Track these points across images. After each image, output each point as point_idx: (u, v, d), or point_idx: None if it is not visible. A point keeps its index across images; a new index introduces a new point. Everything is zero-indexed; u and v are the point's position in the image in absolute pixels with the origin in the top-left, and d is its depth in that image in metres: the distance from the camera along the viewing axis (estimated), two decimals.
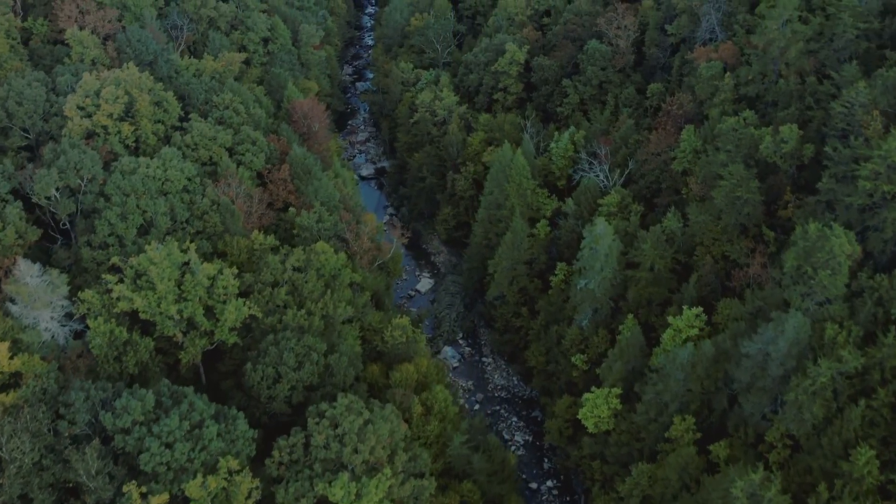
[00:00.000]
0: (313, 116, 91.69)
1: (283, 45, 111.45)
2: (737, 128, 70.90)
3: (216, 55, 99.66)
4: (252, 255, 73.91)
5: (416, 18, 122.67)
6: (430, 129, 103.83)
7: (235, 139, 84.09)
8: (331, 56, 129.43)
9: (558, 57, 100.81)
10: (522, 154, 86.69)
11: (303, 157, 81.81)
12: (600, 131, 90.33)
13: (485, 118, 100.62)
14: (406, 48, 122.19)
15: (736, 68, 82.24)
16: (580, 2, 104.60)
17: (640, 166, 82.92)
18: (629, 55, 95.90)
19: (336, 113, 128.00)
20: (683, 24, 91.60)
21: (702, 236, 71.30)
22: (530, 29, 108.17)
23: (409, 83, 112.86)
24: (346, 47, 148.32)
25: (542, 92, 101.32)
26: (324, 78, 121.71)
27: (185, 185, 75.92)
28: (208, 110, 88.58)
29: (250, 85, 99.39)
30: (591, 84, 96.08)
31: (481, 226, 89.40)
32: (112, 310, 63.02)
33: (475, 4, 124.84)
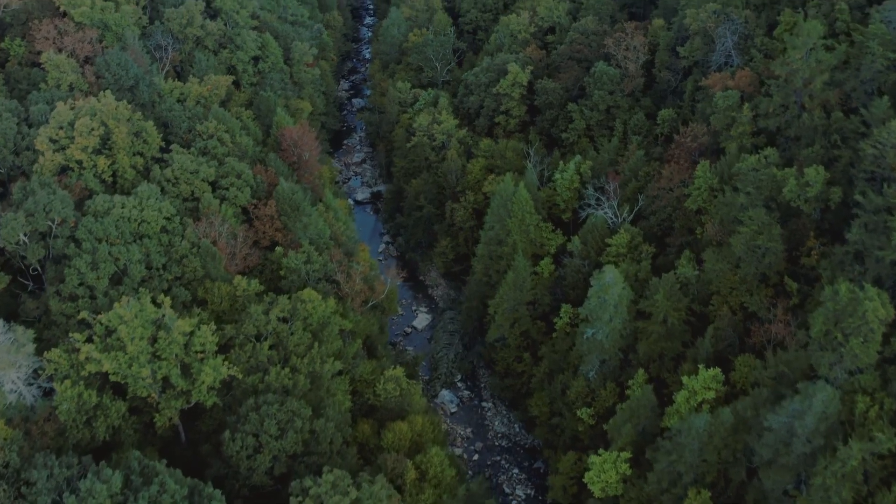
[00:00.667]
0: (303, 145, 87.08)
1: (274, 64, 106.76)
2: (757, 167, 66.12)
3: (202, 78, 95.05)
4: (234, 303, 69.47)
5: (415, 34, 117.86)
6: (428, 153, 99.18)
7: (219, 172, 79.53)
8: (326, 72, 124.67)
9: (563, 79, 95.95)
10: (525, 186, 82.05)
11: (290, 193, 77.26)
12: (608, 162, 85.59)
13: (486, 144, 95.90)
14: (404, 65, 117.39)
15: (754, 97, 77.42)
16: (586, 20, 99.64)
17: (650, 202, 78.22)
18: (638, 78, 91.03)
19: (331, 132, 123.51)
20: (697, 46, 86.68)
21: (718, 285, 66.62)
22: (534, 48, 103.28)
23: (407, 104, 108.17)
24: (343, 61, 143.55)
25: (546, 116, 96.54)
26: (318, 96, 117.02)
27: (164, 224, 71.57)
28: (192, 139, 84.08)
29: (238, 109, 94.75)
30: (598, 109, 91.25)
31: (481, 262, 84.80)
32: (80, 371, 58.67)
33: (476, 19, 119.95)
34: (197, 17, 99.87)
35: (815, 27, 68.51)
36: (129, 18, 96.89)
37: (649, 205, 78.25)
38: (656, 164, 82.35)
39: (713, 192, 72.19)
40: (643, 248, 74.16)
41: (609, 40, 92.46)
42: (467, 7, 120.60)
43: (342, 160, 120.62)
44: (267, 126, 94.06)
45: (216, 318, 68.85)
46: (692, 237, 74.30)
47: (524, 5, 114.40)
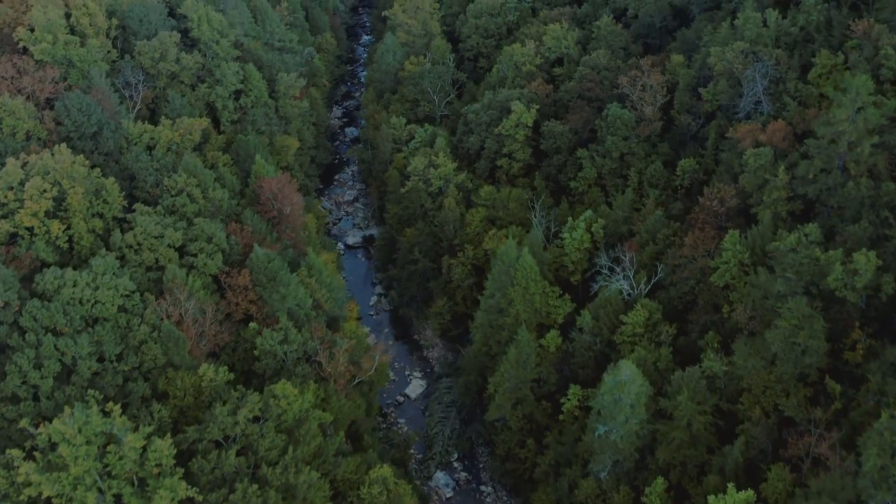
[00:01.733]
0: (284, 198, 79.63)
1: (257, 98, 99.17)
2: (797, 248, 58.37)
3: (175, 119, 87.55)
4: (200, 395, 62.22)
5: (411, 62, 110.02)
6: (424, 200, 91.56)
7: (188, 235, 72.23)
8: (317, 101, 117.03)
9: (572, 121, 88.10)
10: (530, 248, 74.47)
11: (266, 261, 69.86)
12: (622, 219, 77.86)
13: (486, 191, 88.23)
14: (399, 95, 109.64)
15: (788, 154, 69.59)
16: (597, 54, 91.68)
17: (671, 271, 70.57)
18: (656, 123, 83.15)
19: (321, 166, 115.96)
20: (721, 89, 78.72)
21: (749, 381, 58.99)
22: (539, 82, 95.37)
23: (401, 141, 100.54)
24: (337, 85, 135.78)
25: (553, 162, 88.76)
26: (307, 129, 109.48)
27: (122, 303, 64.32)
28: (159, 194, 76.76)
29: (215, 153, 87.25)
30: (610, 156, 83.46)
31: (480, 330, 77.31)
32: (19, 496, 51.61)
33: (477, 45, 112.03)
34: (171, 50, 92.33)
35: (866, 83, 60.59)
36: (96, 54, 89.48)
37: (669, 274, 70.61)
38: (676, 224, 74.58)
39: (743, 268, 64.48)
40: (663, 328, 66.55)
41: (623, 79, 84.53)
42: (468, 32, 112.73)
43: (333, 198, 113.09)
44: (246, 173, 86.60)
45: (179, 413, 61.74)
46: (718, 316, 66.61)
47: (529, 32, 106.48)
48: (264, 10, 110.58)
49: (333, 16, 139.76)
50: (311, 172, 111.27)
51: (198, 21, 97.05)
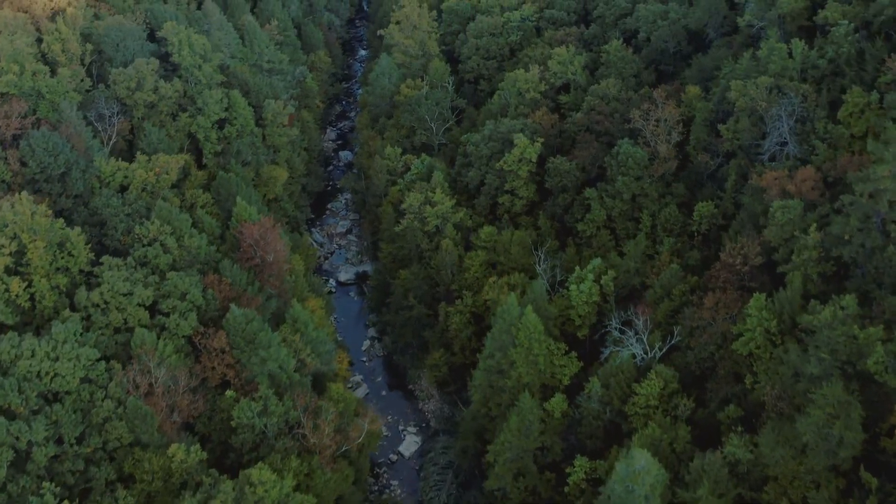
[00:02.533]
0: (266, 245, 74.31)
1: (243, 127, 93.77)
2: (833, 323, 52.80)
3: (152, 155, 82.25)
4: (170, 478, 57.09)
5: (408, 85, 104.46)
6: (420, 239, 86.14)
7: (160, 291, 67.05)
8: (308, 124, 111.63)
9: (580, 157, 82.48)
10: (534, 303, 69.04)
11: (244, 322, 64.55)
12: (634, 270, 72.36)
13: (487, 233, 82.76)
14: (395, 120, 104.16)
15: (819, 205, 63.97)
16: (607, 83, 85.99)
17: (688, 333, 65.07)
18: (671, 161, 77.54)
19: (313, 195, 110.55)
20: (743, 127, 73.02)
21: (776, 469, 53.56)
22: (544, 112, 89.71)
23: (396, 173, 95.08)
24: (331, 104, 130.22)
25: (559, 201, 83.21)
26: (297, 156, 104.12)
27: (85, 374, 59.15)
28: (130, 243, 71.55)
29: (194, 192, 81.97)
30: (621, 197, 77.87)
31: (479, 391, 71.92)
32: None
33: (478, 67, 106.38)
34: (148, 78, 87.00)
35: None
36: (67, 84, 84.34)
37: (686, 336, 65.11)
38: (694, 279, 69.01)
39: (769, 336, 58.96)
40: (679, 400, 61.08)
41: (636, 113, 78.87)
42: (468, 53, 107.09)
43: (325, 230, 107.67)
44: (228, 212, 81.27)
45: (147, 498, 56.62)
46: (740, 386, 61.10)
47: (533, 54, 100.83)
48: (252, 29, 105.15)
49: (328, 31, 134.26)
50: (302, 202, 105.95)
51: (178, 45, 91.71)
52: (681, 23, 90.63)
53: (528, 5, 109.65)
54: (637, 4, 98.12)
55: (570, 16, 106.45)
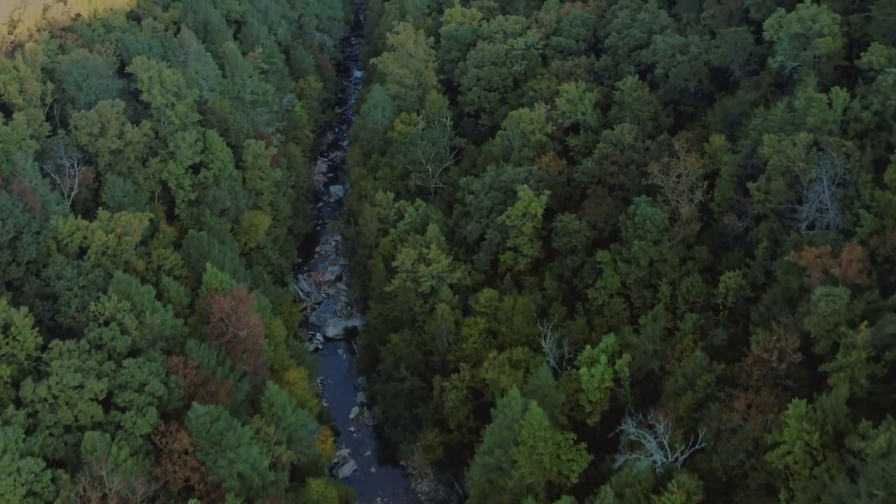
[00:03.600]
0: (239, 321, 66.91)
1: (220, 171, 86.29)
2: (889, 454, 45.09)
3: (115, 210, 74.87)
4: None
5: (403, 120, 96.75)
6: (413, 301, 78.58)
7: (116, 381, 59.74)
8: (296, 159, 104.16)
9: (591, 213, 74.63)
10: (538, 392, 61.57)
11: (208, 421, 57.15)
12: (652, 352, 64.67)
13: (487, 297, 75.12)
14: (388, 158, 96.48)
15: (867, 290, 56.13)
16: (621, 129, 78.10)
17: (714, 435, 57.44)
18: (694, 223, 69.72)
19: (300, 237, 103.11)
20: (777, 189, 65.09)
21: None
22: (551, 158, 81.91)
23: (389, 221, 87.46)
24: (323, 133, 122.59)
25: (568, 262, 75.54)
26: (282, 196, 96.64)
27: (28, 488, 51.99)
28: (85, 322, 64.26)
29: (161, 252, 74.51)
30: (637, 263, 70.14)
31: (477, 488, 64.35)
32: None
33: (479, 100, 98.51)
34: (113, 123, 79.55)
35: None
36: (22, 131, 76.93)
37: (713, 438, 57.49)
38: (721, 367, 61.31)
39: (810, 451, 51.31)
40: None
41: (654, 166, 71.02)
42: (468, 84, 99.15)
43: (312, 277, 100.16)
44: (199, 274, 73.91)
45: None
46: (774, 501, 53.54)
47: (538, 88, 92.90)
48: (233, 59, 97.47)
49: (320, 53, 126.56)
50: (288, 247, 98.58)
51: (149, 82, 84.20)
52: (702, 58, 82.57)
53: (532, 31, 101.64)
54: (653, 35, 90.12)
55: (578, 44, 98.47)
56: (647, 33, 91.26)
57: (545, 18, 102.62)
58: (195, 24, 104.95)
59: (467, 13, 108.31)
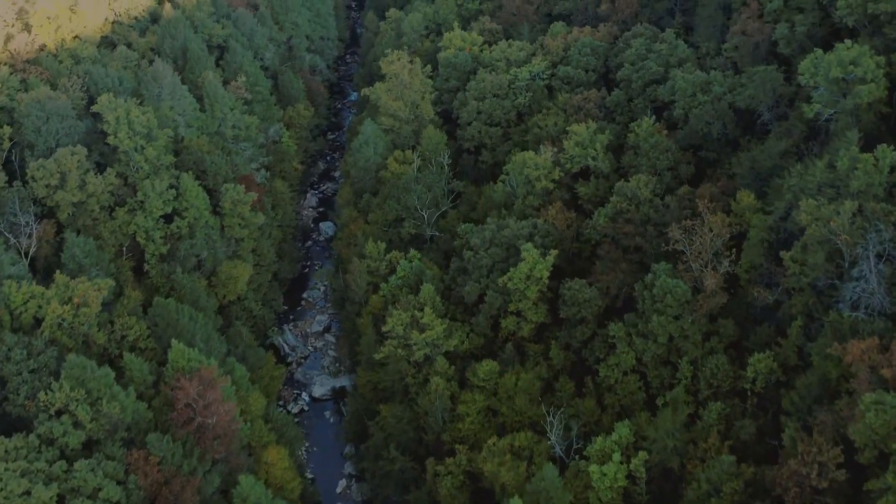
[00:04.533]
0: (207, 407, 59.99)
1: (196, 219, 79.35)
2: None
3: (75, 273, 68.04)
4: None
5: (397, 158, 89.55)
6: (405, 369, 71.64)
7: (64, 486, 53.07)
8: (282, 196, 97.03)
9: (604, 281, 67.39)
10: (544, 494, 54.69)
11: None
12: (672, 448, 57.62)
13: (486, 370, 68.06)
14: (381, 199, 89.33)
15: None
16: (637, 181, 70.76)
17: None
18: (719, 296, 62.51)
19: (286, 282, 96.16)
20: (816, 262, 57.73)
21: None
22: (558, 209, 74.68)
23: (380, 274, 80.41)
24: (314, 162, 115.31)
25: (577, 333, 68.37)
26: (265, 240, 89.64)
27: None
28: (35, 413, 57.53)
29: (125, 321, 67.56)
30: (655, 340, 63.02)
31: None
32: None
33: (480, 135, 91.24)
34: (73, 173, 72.50)
35: None
36: None
37: None
38: (750, 470, 54.18)
39: None
40: None
41: (675, 231, 63.75)
42: (467, 117, 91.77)
43: (299, 327, 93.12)
44: (166, 347, 67.01)
45: None
46: None
47: (545, 125, 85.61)
48: (213, 92, 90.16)
49: (311, 76, 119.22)
50: (272, 295, 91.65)
51: (115, 124, 77.17)
52: (726, 99, 75.10)
53: (538, 59, 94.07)
54: (671, 68, 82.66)
55: (588, 75, 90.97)
56: (663, 66, 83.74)
57: (551, 45, 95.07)
58: (173, 51, 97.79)
59: (467, 38, 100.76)
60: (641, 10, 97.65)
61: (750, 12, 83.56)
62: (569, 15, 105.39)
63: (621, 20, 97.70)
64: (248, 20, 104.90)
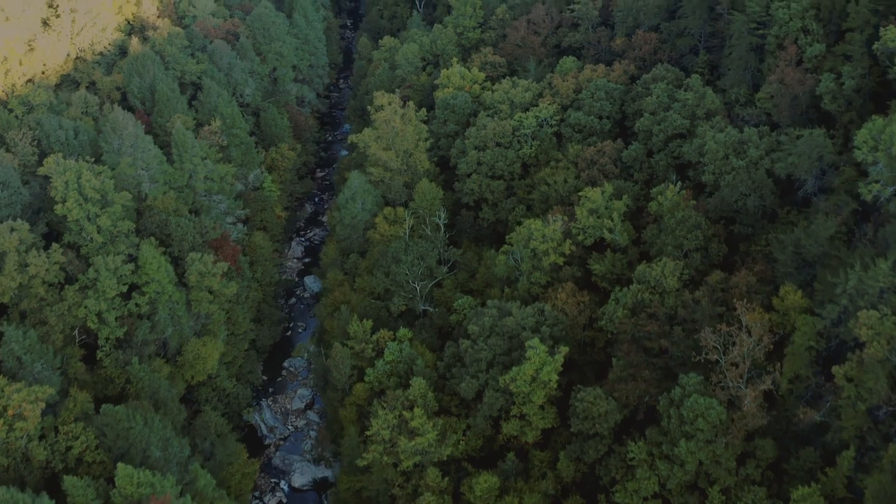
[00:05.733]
0: None
1: (158, 293, 70.07)
2: None
3: (16, 370, 58.95)
4: None
5: (388, 216, 79.91)
6: (391, 477, 62.45)
7: None
8: (261, 251, 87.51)
9: (622, 392, 57.66)
10: None
11: None
12: None
13: (484, 487, 58.71)
14: (370, 261, 79.78)
15: None
16: (662, 266, 60.91)
17: None
18: (758, 418, 52.91)
19: (264, 351, 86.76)
20: (877, 387, 48.06)
21: None
22: (569, 291, 65.10)
23: (365, 357, 71.03)
24: (300, 205, 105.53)
25: (589, 449, 58.84)
26: (240, 309, 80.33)
27: None
28: None
29: (70, 429, 58.37)
30: (682, 465, 53.56)
31: None
32: None
33: (480, 189, 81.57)
34: (12, 254, 63.18)
35: None
36: None
37: None
38: None
39: None
40: None
41: (707, 337, 54.07)
42: (466, 168, 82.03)
43: (278, 403, 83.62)
44: (120, 456, 57.95)
45: None
46: None
47: (553, 182, 75.82)
48: (182, 141, 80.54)
49: (299, 108, 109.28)
50: (249, 366, 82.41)
51: (64, 189, 67.86)
52: (763, 164, 65.12)
53: (545, 102, 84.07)
54: (697, 121, 72.67)
55: (602, 122, 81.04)
56: (689, 118, 73.90)
57: (560, 86, 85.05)
58: (141, 91, 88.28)
59: (467, 75, 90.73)
60: (661, 47, 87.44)
61: (787, 57, 73.48)
62: (580, 48, 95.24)
63: (639, 57, 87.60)
64: (225, 53, 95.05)
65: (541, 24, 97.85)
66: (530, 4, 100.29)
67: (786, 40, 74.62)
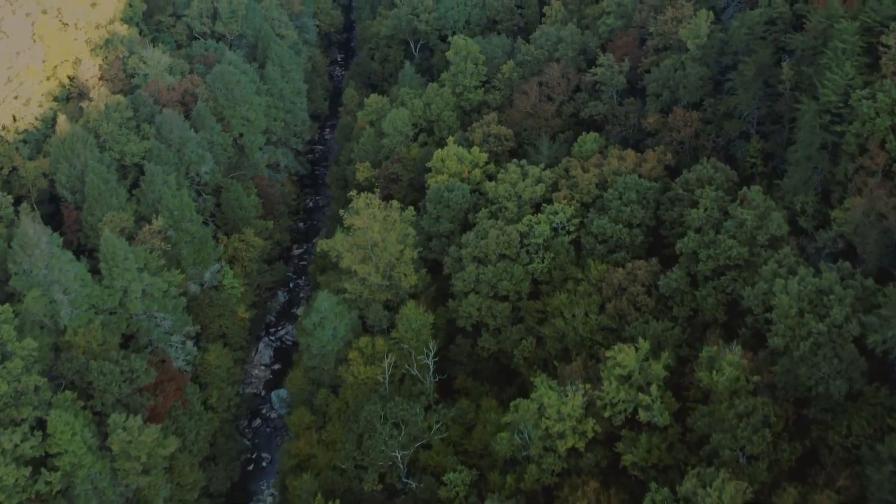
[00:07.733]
0: None
1: (75, 466, 54.36)
2: None
3: None
4: None
5: (364, 350, 63.92)
6: None
7: None
8: (217, 372, 72.18)
9: None
10: None
11: None
12: None
13: None
14: (341, 406, 64.18)
15: None
16: (718, 489, 45.18)
17: None
18: None
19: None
20: None
21: None
22: (592, 491, 49.42)
23: None
24: (272, 295, 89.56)
25: None
26: (186, 458, 65.10)
27: None
28: None
29: None
30: None
31: None
32: None
33: (480, 313, 64.78)
34: None
35: None
36: None
37: None
38: None
39: None
40: None
41: None
42: (463, 286, 65.82)
43: None
44: None
45: None
46: None
47: (572, 316, 59.89)
48: (111, 254, 63.73)
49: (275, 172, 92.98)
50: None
51: None
52: (850, 330, 48.76)
53: (561, 198, 67.77)
54: (759, 256, 56.34)
55: (633, 232, 64.73)
56: (747, 246, 57.54)
57: (581, 177, 68.55)
58: (70, 180, 72.65)
59: (466, 157, 74.27)
60: (704, 128, 70.83)
61: (874, 166, 57.01)
62: (602, 122, 78.63)
63: (676, 140, 71.05)
64: (176, 125, 78.67)
65: (555, 87, 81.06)
66: (542, 62, 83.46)
67: (870, 142, 58.41)
